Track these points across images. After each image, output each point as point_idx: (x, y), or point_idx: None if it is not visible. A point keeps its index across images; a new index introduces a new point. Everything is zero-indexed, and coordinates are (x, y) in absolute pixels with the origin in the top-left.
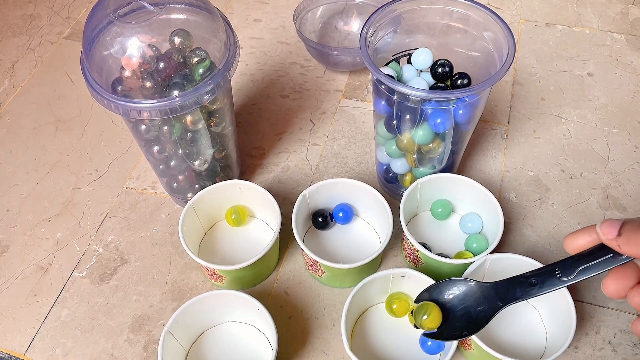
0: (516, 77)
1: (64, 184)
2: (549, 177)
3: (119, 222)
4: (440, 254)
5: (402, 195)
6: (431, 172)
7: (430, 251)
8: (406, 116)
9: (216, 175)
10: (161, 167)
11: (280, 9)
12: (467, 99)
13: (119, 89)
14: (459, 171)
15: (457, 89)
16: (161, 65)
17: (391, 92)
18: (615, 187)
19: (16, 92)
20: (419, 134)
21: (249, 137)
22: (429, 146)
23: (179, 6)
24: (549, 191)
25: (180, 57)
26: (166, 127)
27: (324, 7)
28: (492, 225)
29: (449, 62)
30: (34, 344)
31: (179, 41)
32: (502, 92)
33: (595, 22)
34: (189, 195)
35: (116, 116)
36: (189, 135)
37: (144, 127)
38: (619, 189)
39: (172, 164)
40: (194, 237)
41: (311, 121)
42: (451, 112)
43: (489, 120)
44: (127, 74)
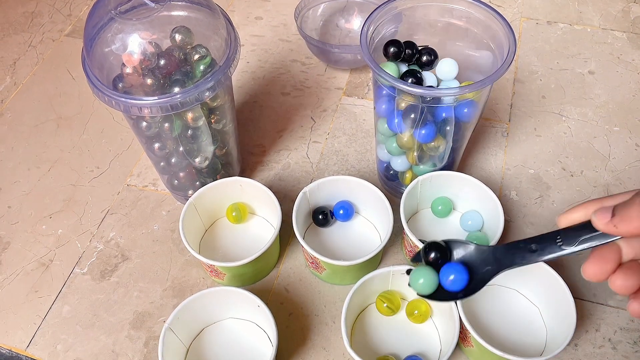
0: (517, 75)
1: (65, 181)
2: (550, 175)
3: (119, 219)
4: None
5: (403, 192)
6: (432, 169)
7: None
8: (407, 114)
9: (217, 172)
10: (162, 164)
11: (281, 7)
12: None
13: (120, 85)
14: (460, 169)
15: (457, 87)
16: (162, 62)
17: (392, 89)
18: (616, 185)
19: (18, 89)
20: (421, 132)
21: (249, 134)
22: (431, 144)
23: (180, 3)
24: (550, 189)
25: (181, 54)
26: (167, 124)
27: (325, 5)
28: (493, 222)
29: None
30: (35, 340)
31: (179, 38)
32: (503, 90)
33: (596, 20)
34: (190, 192)
35: (117, 113)
36: (189, 132)
37: (144, 124)
38: (620, 187)
39: (173, 161)
40: (195, 234)
41: (312, 119)
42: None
43: (490, 117)
44: (128, 70)
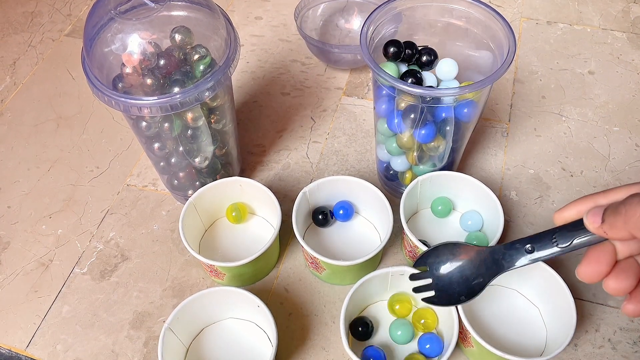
0: (517, 75)
1: (64, 180)
2: (550, 175)
3: (119, 218)
4: None
5: (403, 192)
6: (431, 169)
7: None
8: (407, 114)
9: (217, 172)
10: (162, 164)
11: (281, 7)
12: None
13: (120, 85)
14: (460, 169)
15: (457, 87)
16: (162, 62)
17: (392, 89)
18: (615, 185)
19: (17, 89)
20: (421, 132)
21: (249, 134)
22: (431, 144)
23: (180, 3)
24: (550, 189)
25: (180, 54)
26: (167, 124)
27: (325, 5)
28: (492, 223)
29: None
30: (34, 340)
31: (179, 38)
32: (503, 90)
33: (596, 20)
34: (190, 192)
35: (117, 113)
36: (189, 132)
37: (144, 123)
38: None
39: (173, 160)
40: (195, 234)
41: (312, 119)
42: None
43: (490, 118)
44: (127, 70)
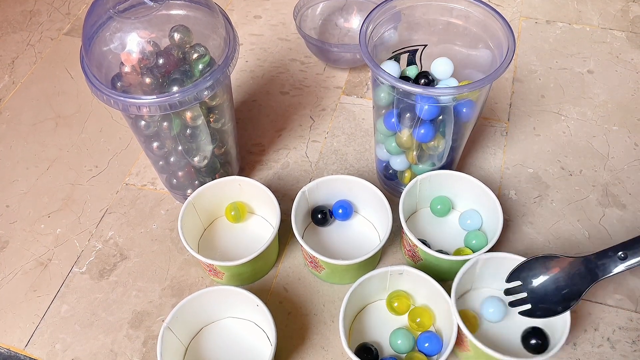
0: (516, 75)
1: (63, 180)
2: (549, 175)
3: (118, 218)
4: (439, 251)
5: (402, 192)
6: (431, 169)
7: (429, 248)
8: (406, 114)
9: (216, 171)
10: (161, 163)
11: (280, 6)
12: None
13: (119, 84)
14: (459, 168)
15: (456, 86)
16: (161, 61)
17: (391, 88)
18: (614, 185)
19: (16, 88)
20: (420, 131)
21: (248, 133)
22: (430, 144)
23: (179, 2)
24: (549, 188)
25: (179, 53)
26: (166, 123)
27: (324, 4)
28: (492, 222)
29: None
30: (33, 339)
31: (178, 37)
32: (502, 90)
33: (595, 20)
34: (189, 191)
35: (116, 112)
36: (188, 131)
37: (143, 122)
38: (619, 186)
39: (172, 160)
40: (194, 233)
41: (311, 118)
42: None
43: (489, 117)
44: (126, 69)
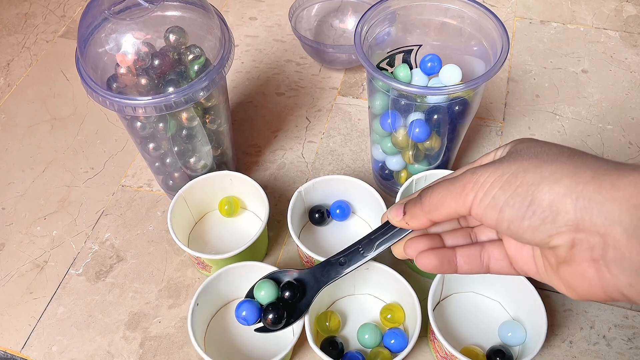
0: (511, 74)
1: (59, 182)
2: None
3: (114, 219)
4: None
5: (398, 191)
6: (426, 168)
7: None
8: (402, 114)
9: (212, 172)
10: (157, 164)
11: (275, 7)
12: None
13: (114, 85)
14: (454, 167)
15: (451, 86)
16: (156, 62)
17: (386, 89)
18: None
19: (11, 90)
20: (415, 131)
21: (244, 134)
22: (426, 143)
23: (174, 3)
24: None
25: (175, 54)
26: (161, 124)
27: (320, 5)
28: None
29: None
30: (30, 341)
31: (174, 38)
32: (497, 89)
33: (589, 20)
34: None
35: (112, 114)
36: (184, 132)
37: (139, 124)
38: None
39: (168, 161)
40: (184, 226)
41: (307, 118)
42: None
43: (484, 117)
44: (122, 70)
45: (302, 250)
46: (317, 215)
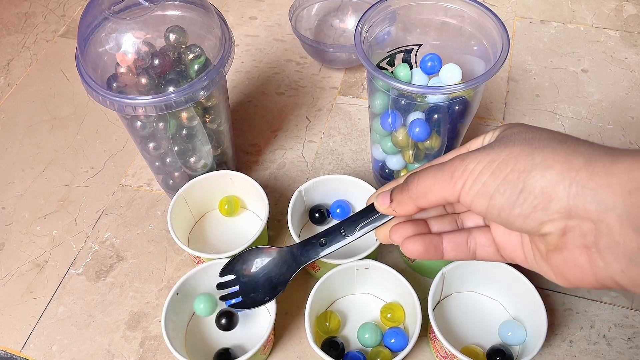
0: (511, 74)
1: (59, 181)
2: None
3: (114, 219)
4: None
5: None
6: None
7: None
8: (402, 113)
9: (212, 172)
10: (157, 164)
11: (275, 7)
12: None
13: (114, 85)
14: None
15: (451, 85)
16: (156, 61)
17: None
18: None
19: (11, 90)
20: (415, 131)
21: (244, 134)
22: (426, 143)
23: (174, 2)
24: None
25: (175, 53)
26: (161, 124)
27: (320, 5)
28: None
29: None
30: (30, 341)
31: (174, 37)
32: (497, 89)
33: (589, 19)
34: None
35: (112, 113)
36: (184, 131)
37: (139, 123)
38: None
39: (168, 160)
40: (184, 226)
41: (307, 118)
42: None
43: (484, 116)
44: (122, 70)
45: None
46: (317, 214)
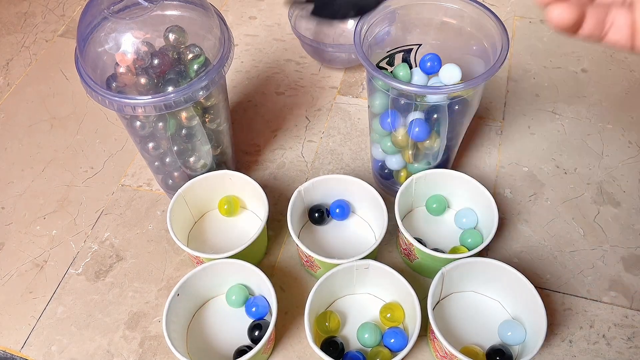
0: (511, 74)
1: (59, 181)
2: (544, 173)
3: (114, 219)
4: (435, 249)
5: (397, 191)
6: (426, 167)
7: (425, 246)
8: (402, 113)
9: (211, 172)
10: (156, 163)
11: (275, 6)
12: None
13: (114, 85)
14: (454, 167)
15: (451, 85)
16: (156, 61)
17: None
18: (609, 182)
19: (11, 89)
20: (415, 130)
21: (244, 134)
22: (426, 143)
23: (174, 2)
24: (544, 186)
25: (174, 53)
26: (161, 124)
27: None
28: (487, 220)
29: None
30: (29, 341)
31: (173, 37)
32: (497, 89)
33: None
34: None
35: (111, 113)
36: (183, 131)
37: (138, 123)
38: (613, 184)
39: (167, 160)
40: (184, 226)
41: (306, 118)
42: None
43: (484, 116)
44: (121, 70)
45: (301, 249)
46: (316, 214)
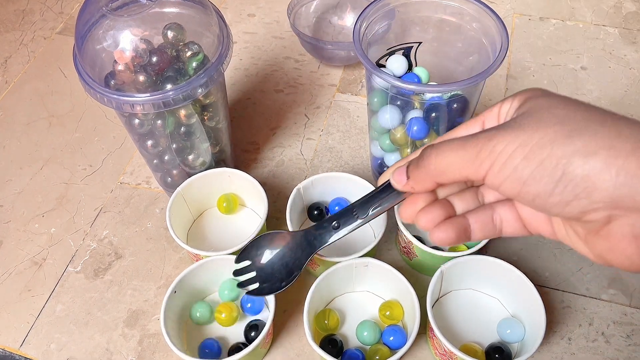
0: (510, 71)
1: (57, 179)
2: None
3: (113, 217)
4: (434, 247)
5: None
6: None
7: (424, 244)
8: (400, 111)
9: (210, 169)
10: (155, 161)
11: (274, 4)
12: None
13: (112, 82)
14: None
15: (450, 83)
16: (154, 59)
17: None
18: None
19: (9, 87)
20: (413, 129)
21: (243, 131)
22: (424, 141)
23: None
24: None
25: (173, 50)
26: (160, 121)
27: (318, 2)
28: None
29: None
30: (28, 339)
31: (172, 35)
32: (496, 86)
33: (588, 16)
34: None
35: (110, 111)
36: (182, 129)
37: (137, 121)
38: None
39: (166, 158)
40: (183, 223)
41: (306, 116)
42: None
43: None
44: (120, 67)
45: None
46: (315, 212)
